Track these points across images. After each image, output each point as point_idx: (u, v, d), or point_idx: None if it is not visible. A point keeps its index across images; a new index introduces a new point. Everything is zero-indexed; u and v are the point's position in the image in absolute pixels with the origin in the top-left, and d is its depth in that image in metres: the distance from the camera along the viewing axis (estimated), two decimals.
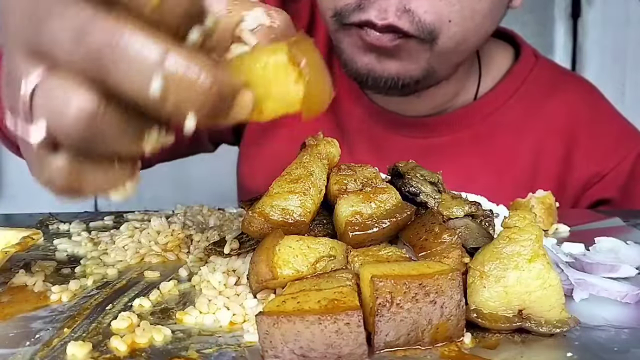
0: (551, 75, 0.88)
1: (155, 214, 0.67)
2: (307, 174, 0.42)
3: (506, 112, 0.84)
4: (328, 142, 0.45)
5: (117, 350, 0.34)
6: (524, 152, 0.84)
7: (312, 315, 0.31)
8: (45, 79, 0.27)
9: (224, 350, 0.34)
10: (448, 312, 0.34)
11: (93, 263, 0.50)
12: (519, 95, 0.84)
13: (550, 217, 0.63)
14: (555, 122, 0.84)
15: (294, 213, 0.40)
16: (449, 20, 0.65)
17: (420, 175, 0.46)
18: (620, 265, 0.47)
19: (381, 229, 0.40)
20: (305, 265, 0.38)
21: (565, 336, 0.36)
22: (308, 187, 0.41)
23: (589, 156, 0.84)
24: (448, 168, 0.55)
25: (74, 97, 0.26)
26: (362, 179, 0.43)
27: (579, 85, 0.90)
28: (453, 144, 0.83)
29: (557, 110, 0.85)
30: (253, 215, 0.40)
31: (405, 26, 0.64)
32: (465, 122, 0.83)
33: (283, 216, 0.40)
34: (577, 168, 0.84)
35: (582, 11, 1.82)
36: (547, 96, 0.86)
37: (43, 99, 0.27)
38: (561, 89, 0.87)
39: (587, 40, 1.83)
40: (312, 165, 0.43)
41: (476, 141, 0.83)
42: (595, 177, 0.84)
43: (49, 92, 0.27)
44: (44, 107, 0.27)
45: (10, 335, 0.36)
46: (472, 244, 0.41)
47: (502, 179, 0.82)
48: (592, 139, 0.84)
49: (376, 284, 0.33)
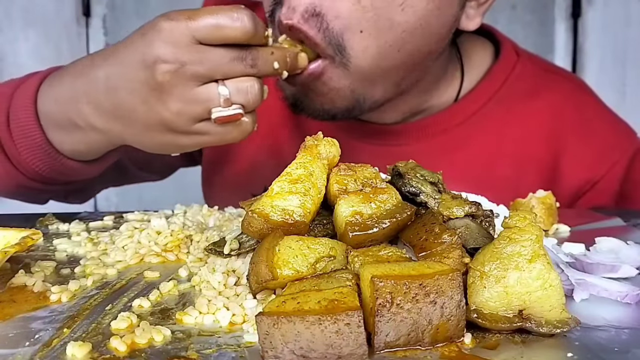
0: (534, 73, 0.82)
1: (155, 214, 0.67)
2: (308, 174, 0.42)
3: (485, 115, 0.78)
4: (328, 142, 0.45)
5: (116, 350, 0.34)
6: (504, 158, 0.78)
7: (312, 315, 0.31)
8: (232, 84, 0.54)
9: (223, 351, 0.34)
10: (448, 312, 0.34)
11: (93, 263, 0.50)
12: (500, 96, 0.78)
13: (551, 217, 0.63)
14: (540, 126, 0.79)
15: (294, 213, 0.40)
16: (360, 30, 0.59)
17: (421, 176, 0.46)
18: (621, 266, 0.47)
19: (381, 229, 0.40)
20: (305, 265, 0.38)
21: (566, 336, 0.36)
22: (308, 188, 0.41)
23: (578, 162, 0.78)
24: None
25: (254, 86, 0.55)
26: (362, 179, 0.43)
27: (564, 83, 0.83)
28: (426, 150, 0.77)
29: (541, 112, 0.79)
30: (253, 215, 0.40)
31: (310, 32, 0.59)
32: (440, 127, 0.78)
33: (283, 217, 0.40)
34: (565, 175, 0.78)
35: (582, 11, 1.82)
36: (530, 97, 0.80)
37: (237, 94, 0.55)
38: (545, 88, 0.80)
39: (587, 41, 1.83)
40: (313, 165, 0.43)
41: (452, 147, 0.78)
42: (587, 185, 0.78)
43: (240, 89, 0.54)
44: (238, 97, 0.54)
45: (10, 336, 0.36)
46: (473, 244, 0.41)
47: (480, 188, 0.76)
48: (581, 142, 0.78)
49: (376, 284, 0.32)
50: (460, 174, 0.76)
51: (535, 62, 0.85)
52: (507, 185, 0.77)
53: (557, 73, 0.88)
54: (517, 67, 0.80)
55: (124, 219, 0.65)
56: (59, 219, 0.66)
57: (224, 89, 0.54)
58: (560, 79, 0.84)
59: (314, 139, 0.45)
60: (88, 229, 0.62)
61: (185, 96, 0.54)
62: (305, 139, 0.45)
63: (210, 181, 0.90)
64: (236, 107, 0.55)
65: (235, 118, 0.55)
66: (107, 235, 0.57)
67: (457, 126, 0.78)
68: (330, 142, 0.45)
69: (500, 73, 0.80)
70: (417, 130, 0.78)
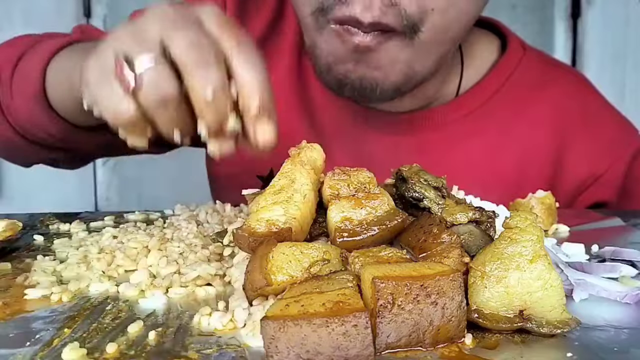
0: (540, 68, 0.83)
1: (155, 214, 0.67)
2: (289, 182, 0.42)
3: (492, 107, 0.79)
4: (309, 147, 0.45)
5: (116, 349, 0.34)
6: (510, 150, 0.79)
7: (319, 318, 0.31)
8: (157, 63, 0.41)
9: (224, 351, 0.34)
10: (449, 313, 0.34)
11: (93, 263, 0.50)
12: (505, 89, 0.79)
13: (551, 217, 0.63)
14: (544, 120, 0.80)
15: (277, 222, 0.40)
16: (432, 8, 0.61)
17: (424, 180, 0.46)
18: (620, 266, 0.47)
19: (370, 236, 0.40)
20: (299, 270, 0.38)
21: (565, 336, 0.36)
22: (290, 195, 0.42)
23: (582, 156, 0.79)
24: (428, 166, 0.51)
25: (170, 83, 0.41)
26: (356, 184, 0.43)
27: (569, 78, 0.84)
28: (435, 140, 0.78)
29: (546, 106, 0.80)
30: (240, 232, 0.41)
31: (391, 22, 0.60)
32: (448, 118, 0.79)
33: (268, 227, 0.40)
34: (569, 169, 0.79)
35: (582, 11, 1.82)
36: (535, 91, 0.81)
37: (150, 76, 0.41)
38: (550, 83, 0.81)
39: (587, 40, 1.83)
40: (294, 173, 0.43)
41: (459, 138, 0.79)
42: (590, 179, 0.79)
43: (157, 74, 0.41)
44: (149, 80, 0.41)
45: (10, 336, 0.36)
46: (476, 251, 0.40)
47: (486, 180, 0.77)
48: (584, 137, 0.79)
49: (377, 285, 0.33)
50: (465, 165, 0.78)
51: (540, 57, 0.86)
52: (512, 177, 0.78)
53: (562, 68, 0.89)
54: (523, 61, 0.81)
55: (124, 219, 0.65)
56: (59, 219, 0.66)
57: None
58: (564, 74, 0.85)
59: (297, 147, 0.45)
60: (88, 229, 0.62)
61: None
62: (289, 150, 0.45)
63: (215, 161, 0.88)
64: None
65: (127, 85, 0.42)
66: (108, 235, 0.57)
67: (464, 117, 0.79)
68: (311, 147, 0.45)
69: (507, 66, 0.81)
70: (425, 120, 0.79)
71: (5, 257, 0.52)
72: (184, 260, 0.49)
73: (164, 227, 0.60)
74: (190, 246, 0.52)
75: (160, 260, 0.49)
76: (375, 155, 0.79)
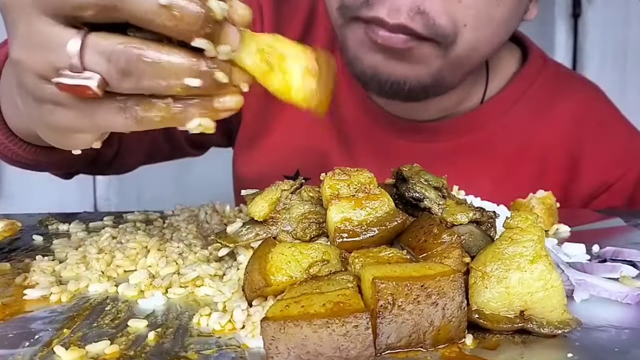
0: (558, 78, 0.85)
1: (154, 214, 0.67)
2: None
3: (512, 116, 0.81)
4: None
5: (116, 350, 0.34)
6: (528, 158, 0.82)
7: (319, 319, 0.31)
8: (89, 38, 0.34)
9: (223, 351, 0.34)
10: (450, 313, 0.34)
11: (92, 263, 0.50)
12: (526, 99, 0.82)
13: (551, 217, 0.62)
14: (561, 129, 0.82)
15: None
16: (465, 24, 0.62)
17: (425, 180, 0.46)
18: (621, 266, 0.47)
19: (370, 237, 0.40)
20: (298, 270, 0.38)
21: (566, 337, 0.36)
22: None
23: (596, 164, 0.81)
24: (450, 173, 0.53)
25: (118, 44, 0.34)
26: (356, 184, 0.42)
27: (585, 89, 0.87)
28: (457, 148, 0.81)
29: (563, 115, 0.82)
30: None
31: (418, 28, 0.61)
32: (470, 126, 0.81)
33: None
34: (583, 177, 0.82)
35: (582, 11, 1.82)
36: (553, 101, 0.83)
37: (92, 53, 0.34)
38: (567, 93, 0.84)
39: (587, 40, 1.83)
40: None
41: (480, 146, 0.81)
42: (602, 187, 0.81)
43: (97, 46, 0.34)
44: (94, 58, 0.34)
45: (10, 336, 0.36)
46: (476, 252, 0.40)
47: (504, 186, 0.80)
48: (599, 146, 0.82)
49: (378, 285, 0.32)
50: (485, 173, 0.80)
51: (558, 67, 0.89)
52: (529, 184, 0.80)
53: (579, 79, 0.92)
54: (543, 71, 0.84)
55: (124, 219, 0.65)
56: (59, 219, 0.66)
57: (75, 43, 0.35)
58: (582, 85, 0.88)
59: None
60: (88, 229, 0.61)
61: (29, 34, 0.36)
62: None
63: (243, 159, 0.89)
64: (89, 75, 0.35)
65: (81, 92, 0.35)
66: (108, 235, 0.57)
67: (484, 126, 0.81)
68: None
69: (527, 77, 0.83)
70: (448, 129, 0.81)
71: (5, 257, 0.52)
72: (183, 260, 0.49)
73: (163, 227, 0.60)
74: (189, 246, 0.53)
75: (160, 261, 0.49)
76: (396, 161, 0.80)
